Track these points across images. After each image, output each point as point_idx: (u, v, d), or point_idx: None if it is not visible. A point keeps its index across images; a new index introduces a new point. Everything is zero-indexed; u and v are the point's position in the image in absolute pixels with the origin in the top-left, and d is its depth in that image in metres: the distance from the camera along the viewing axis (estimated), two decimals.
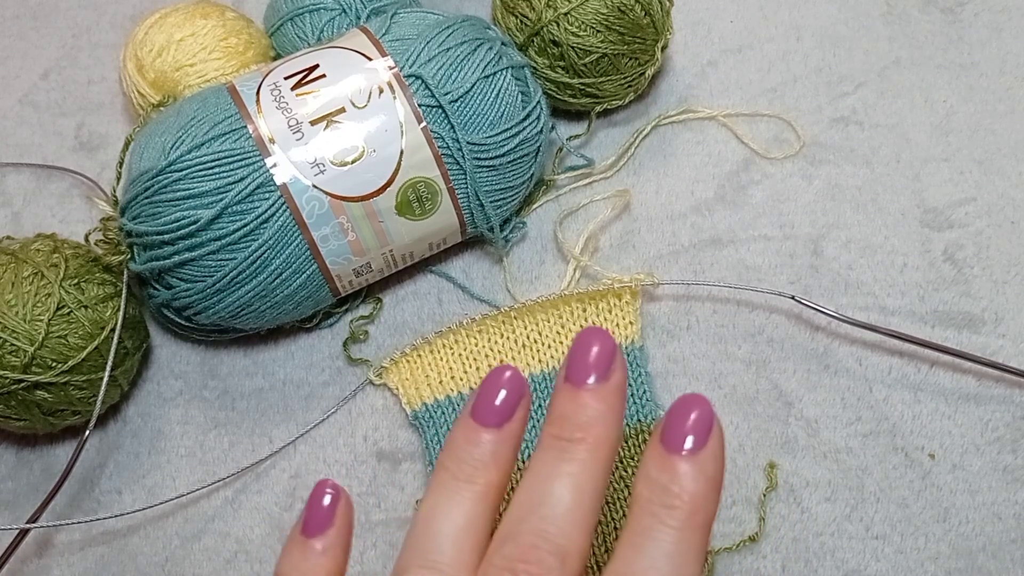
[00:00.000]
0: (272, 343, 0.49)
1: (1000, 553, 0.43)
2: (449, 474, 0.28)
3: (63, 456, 0.47)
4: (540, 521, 0.26)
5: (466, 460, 0.28)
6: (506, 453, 0.28)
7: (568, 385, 0.28)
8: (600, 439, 0.27)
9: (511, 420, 0.28)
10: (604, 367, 0.28)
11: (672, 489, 0.26)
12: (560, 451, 0.27)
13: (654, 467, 0.27)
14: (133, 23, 0.60)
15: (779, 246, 0.50)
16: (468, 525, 0.27)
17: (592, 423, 0.27)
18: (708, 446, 0.26)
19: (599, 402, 0.28)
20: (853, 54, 0.56)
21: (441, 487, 0.28)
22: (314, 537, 0.29)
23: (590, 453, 0.27)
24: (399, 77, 0.44)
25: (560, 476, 0.27)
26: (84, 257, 0.45)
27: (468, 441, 0.28)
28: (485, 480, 0.28)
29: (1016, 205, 0.51)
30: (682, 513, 0.26)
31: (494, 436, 0.28)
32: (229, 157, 0.42)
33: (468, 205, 0.46)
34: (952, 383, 0.46)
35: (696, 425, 0.27)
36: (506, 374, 0.29)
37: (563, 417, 0.28)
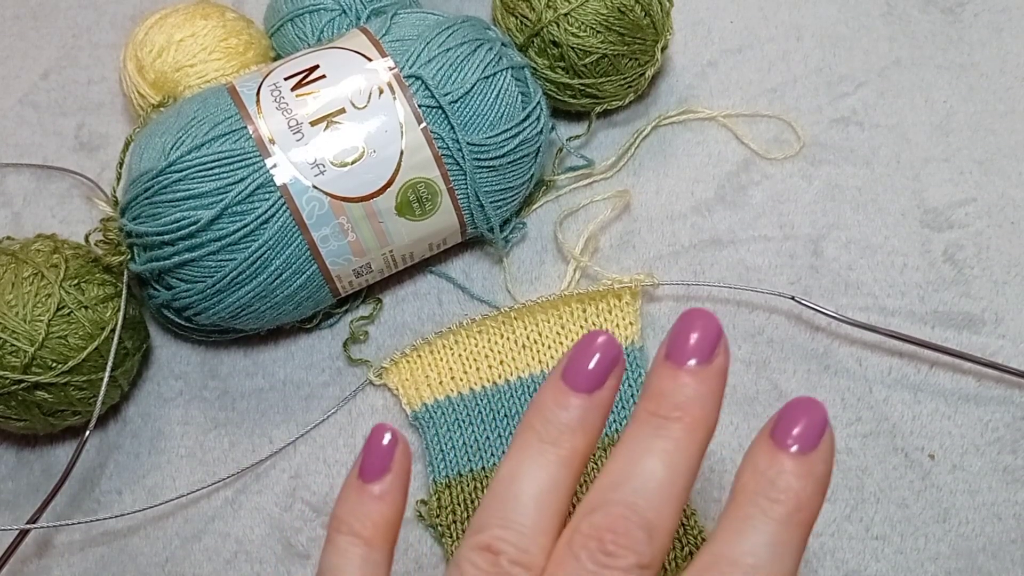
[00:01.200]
0: (272, 343, 0.49)
1: (1000, 553, 0.43)
2: (535, 435, 0.27)
3: (63, 456, 0.47)
4: (631, 494, 0.26)
5: (553, 422, 0.27)
6: (594, 420, 0.28)
7: (668, 363, 0.27)
8: (697, 420, 0.27)
9: (602, 387, 0.28)
10: (708, 349, 0.27)
11: (779, 484, 0.26)
12: (656, 427, 0.27)
13: (763, 460, 0.26)
14: (133, 23, 0.60)
15: (779, 246, 0.50)
16: (552, 488, 0.27)
17: (690, 403, 0.27)
18: (820, 448, 0.26)
19: (699, 383, 0.27)
20: (853, 54, 0.56)
21: (526, 447, 0.27)
22: (372, 482, 0.29)
23: (686, 432, 0.26)
24: (399, 78, 0.44)
25: (654, 452, 0.26)
26: (84, 257, 0.45)
27: (557, 404, 0.28)
28: (571, 445, 0.27)
29: (1016, 205, 0.51)
30: (785, 508, 0.25)
31: (584, 401, 0.27)
32: (229, 158, 0.42)
33: (468, 205, 0.46)
34: (952, 383, 0.46)
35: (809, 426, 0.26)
36: (600, 338, 0.28)
37: (660, 394, 0.27)
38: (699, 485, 0.44)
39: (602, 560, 0.25)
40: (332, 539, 0.28)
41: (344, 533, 0.28)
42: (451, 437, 0.45)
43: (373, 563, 0.28)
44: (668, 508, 0.26)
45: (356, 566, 0.28)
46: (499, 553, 0.26)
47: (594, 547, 0.25)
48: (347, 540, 0.28)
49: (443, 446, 0.45)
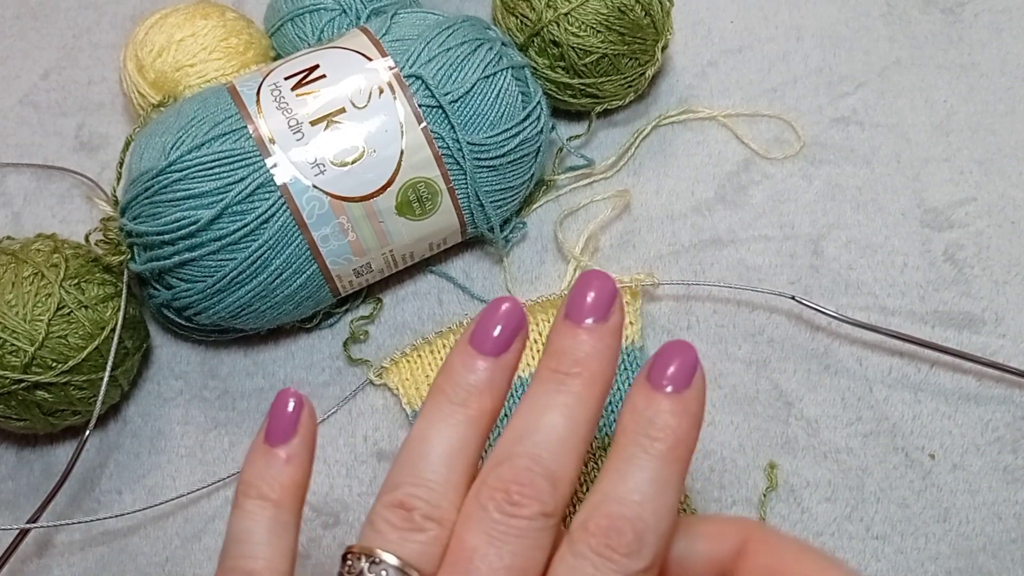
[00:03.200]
0: (272, 343, 0.49)
1: (1000, 553, 0.43)
2: (444, 397, 0.29)
3: (63, 456, 0.47)
4: (534, 446, 0.27)
5: (461, 385, 0.29)
6: (501, 382, 0.29)
7: (567, 322, 0.29)
8: (595, 374, 0.28)
9: (508, 350, 0.29)
10: (604, 308, 0.29)
11: (656, 422, 0.27)
12: (556, 383, 0.28)
13: (641, 401, 0.28)
14: (133, 23, 0.60)
15: (779, 246, 0.50)
16: (460, 447, 0.28)
17: (588, 359, 0.28)
18: (692, 386, 0.28)
19: (596, 340, 0.28)
20: (853, 54, 0.56)
21: (436, 409, 0.29)
22: (278, 445, 0.30)
23: (585, 386, 0.28)
24: (399, 77, 0.44)
25: (555, 406, 0.27)
26: (84, 257, 0.45)
27: (464, 367, 0.29)
28: (479, 405, 0.28)
29: (1016, 205, 0.51)
30: (664, 445, 0.27)
31: (490, 364, 0.29)
32: (229, 157, 0.42)
33: (468, 205, 0.46)
34: (952, 383, 0.46)
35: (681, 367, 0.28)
36: (504, 305, 0.29)
37: (560, 352, 0.28)
38: (699, 485, 0.44)
39: (508, 510, 0.26)
40: (239, 503, 0.29)
41: (252, 497, 0.29)
42: None
43: (282, 524, 0.29)
44: (570, 459, 0.27)
45: (265, 528, 0.28)
46: (412, 509, 0.27)
47: (500, 498, 0.26)
48: (255, 503, 0.29)
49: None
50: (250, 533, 0.28)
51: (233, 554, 0.28)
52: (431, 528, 0.27)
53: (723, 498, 0.44)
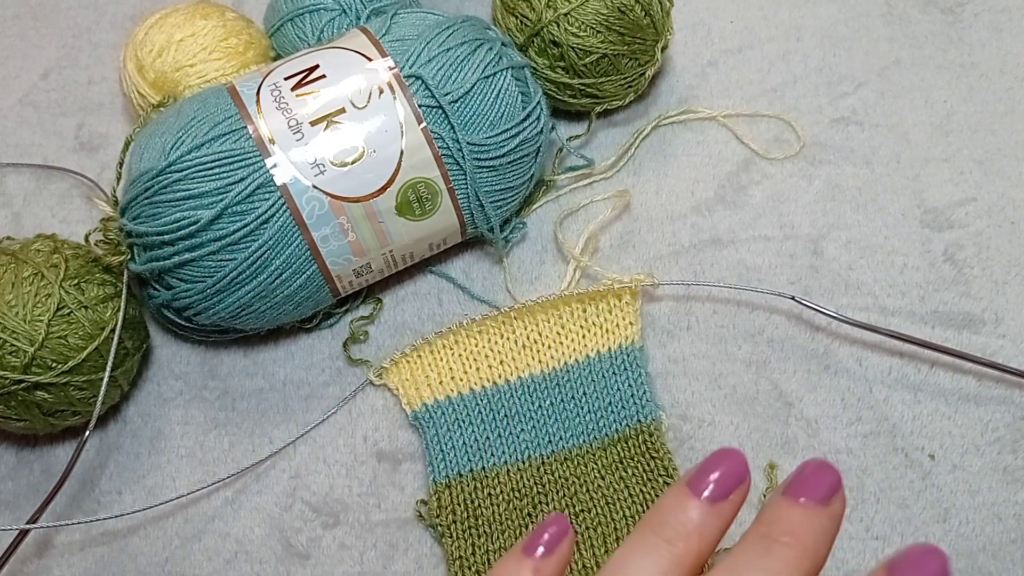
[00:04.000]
0: (272, 343, 0.49)
1: (1000, 553, 0.43)
2: (651, 530, 0.28)
3: (63, 456, 0.47)
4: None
5: (670, 522, 0.28)
6: (713, 528, 0.28)
7: (784, 497, 0.28)
8: (808, 548, 0.27)
9: (725, 500, 0.28)
10: (824, 493, 0.28)
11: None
12: (765, 547, 0.27)
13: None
14: (133, 23, 0.60)
15: (779, 246, 0.50)
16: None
17: (801, 530, 0.27)
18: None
19: (813, 518, 0.28)
20: (853, 54, 0.56)
21: (640, 540, 0.28)
22: (530, 556, 0.29)
23: (795, 556, 0.27)
24: (399, 77, 0.44)
25: (761, 568, 0.27)
26: (84, 257, 0.45)
27: (677, 506, 0.28)
28: (685, 546, 0.28)
29: (1016, 205, 0.51)
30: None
31: (704, 507, 0.28)
32: (229, 157, 0.42)
33: (468, 205, 0.46)
34: (952, 383, 0.46)
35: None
36: (730, 454, 0.29)
37: (774, 520, 0.28)
38: None
39: None
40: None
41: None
42: (451, 437, 0.45)
43: None
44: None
45: None
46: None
47: None
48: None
49: (443, 446, 0.45)
50: None
51: None
52: None
53: None
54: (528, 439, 0.45)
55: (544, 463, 0.45)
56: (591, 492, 0.44)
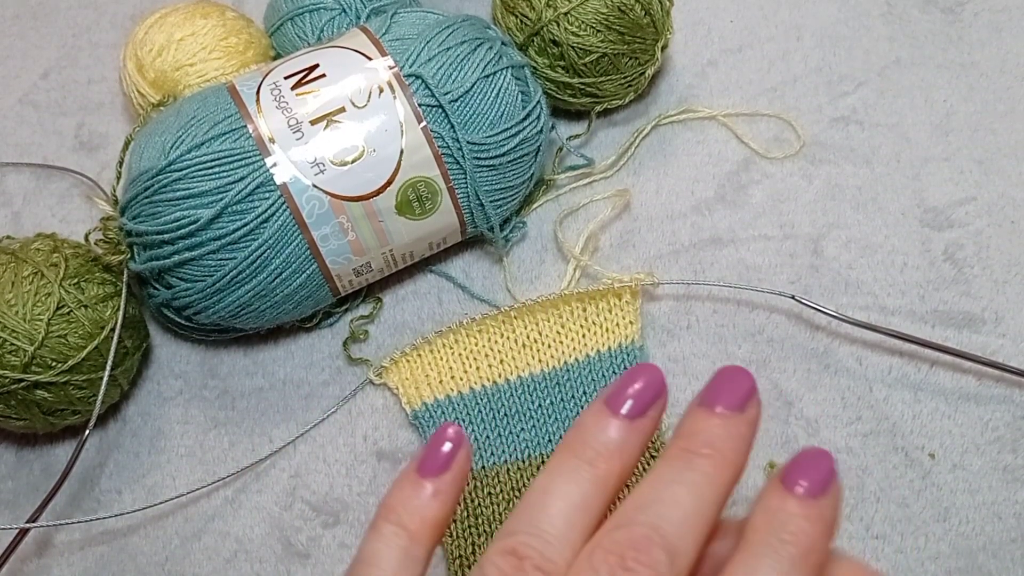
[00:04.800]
0: (272, 343, 0.49)
1: (1000, 553, 0.43)
2: (572, 453, 0.28)
3: (63, 456, 0.47)
4: (656, 516, 0.26)
5: (591, 443, 0.28)
6: (633, 446, 0.28)
7: (701, 408, 0.28)
8: (728, 458, 0.27)
9: (643, 416, 0.28)
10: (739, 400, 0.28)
11: (789, 525, 0.26)
12: (686, 461, 0.27)
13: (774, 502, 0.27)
14: (133, 23, 0.60)
15: (779, 246, 0.50)
16: (582, 505, 0.27)
17: (720, 441, 0.27)
18: (829, 494, 0.27)
19: (730, 426, 0.28)
20: (853, 54, 0.56)
21: (561, 463, 0.28)
22: (428, 478, 0.29)
23: (716, 467, 0.27)
24: (399, 77, 0.44)
25: (683, 482, 0.27)
26: (84, 257, 0.45)
27: (596, 425, 0.28)
28: (607, 467, 0.28)
29: (1016, 205, 0.51)
30: (796, 550, 0.26)
31: (624, 424, 0.28)
32: (229, 157, 0.42)
33: (468, 205, 0.46)
34: (952, 383, 0.46)
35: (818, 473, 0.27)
36: (645, 370, 0.29)
37: (692, 434, 0.28)
38: None
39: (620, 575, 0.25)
40: (377, 526, 0.28)
41: (391, 523, 0.28)
42: None
43: (413, 558, 0.28)
44: (692, 536, 0.26)
45: (396, 556, 0.28)
46: (523, 558, 0.26)
47: (614, 562, 0.25)
48: (392, 530, 0.28)
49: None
50: (380, 557, 0.28)
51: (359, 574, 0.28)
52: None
53: None
54: (528, 438, 0.45)
55: (544, 462, 0.45)
56: None
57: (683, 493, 0.26)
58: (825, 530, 0.26)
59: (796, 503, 0.26)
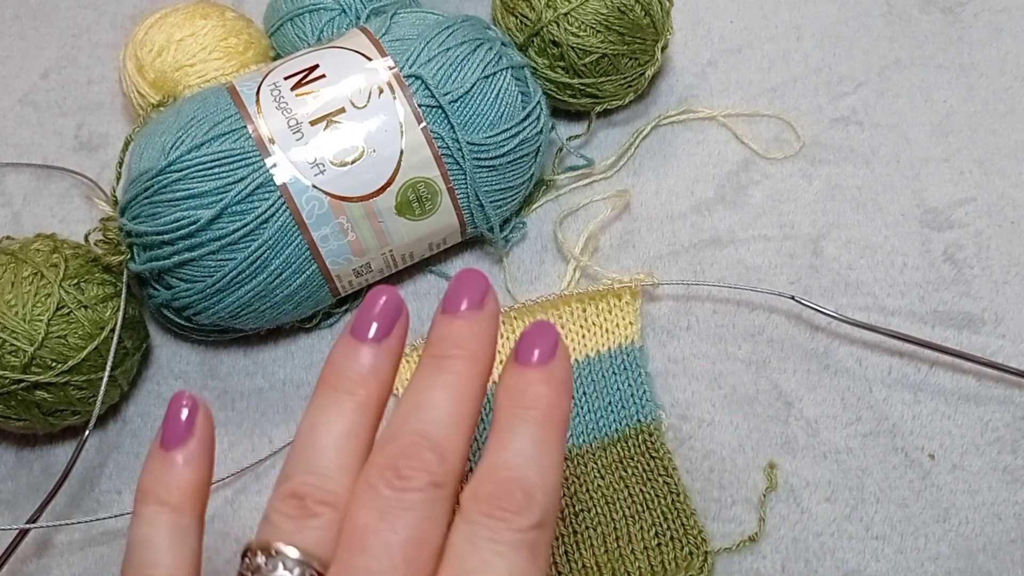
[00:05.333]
0: (272, 343, 0.49)
1: (1000, 553, 0.43)
2: (330, 387, 0.29)
3: (63, 456, 0.47)
4: (419, 423, 0.27)
5: (346, 374, 0.29)
6: (385, 366, 0.29)
7: (444, 315, 0.30)
8: (475, 354, 0.29)
9: (389, 336, 0.29)
10: (477, 298, 0.30)
11: (528, 392, 0.28)
12: (437, 365, 0.29)
13: (511, 379, 0.29)
14: (133, 23, 0.60)
15: (779, 246, 0.50)
16: (350, 433, 0.28)
17: (467, 340, 0.29)
18: (557, 357, 0.29)
19: (473, 324, 0.29)
20: (853, 54, 0.56)
21: (322, 400, 0.29)
22: (174, 449, 0.29)
23: (466, 365, 0.29)
24: (399, 77, 0.44)
25: (438, 385, 0.28)
26: (84, 257, 0.45)
27: (347, 356, 0.29)
28: (365, 392, 0.29)
29: (1016, 205, 0.51)
30: (539, 411, 0.28)
31: (373, 349, 0.29)
32: (229, 157, 0.42)
33: (468, 205, 0.46)
34: (952, 383, 0.46)
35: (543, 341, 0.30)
36: (382, 294, 0.30)
37: (439, 339, 0.29)
38: (699, 485, 0.44)
39: (397, 484, 0.26)
40: (138, 511, 0.28)
41: (150, 503, 0.28)
42: None
43: (182, 529, 0.28)
44: (456, 432, 0.28)
45: (165, 534, 0.28)
46: (304, 497, 0.27)
47: (389, 475, 0.26)
48: (154, 509, 0.28)
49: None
50: (150, 541, 0.28)
51: (134, 563, 0.28)
52: (325, 513, 0.27)
53: (723, 498, 0.44)
54: None
55: None
56: (591, 492, 0.44)
57: (440, 396, 0.28)
58: (562, 388, 0.29)
59: (532, 372, 0.29)
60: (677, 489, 0.43)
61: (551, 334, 0.30)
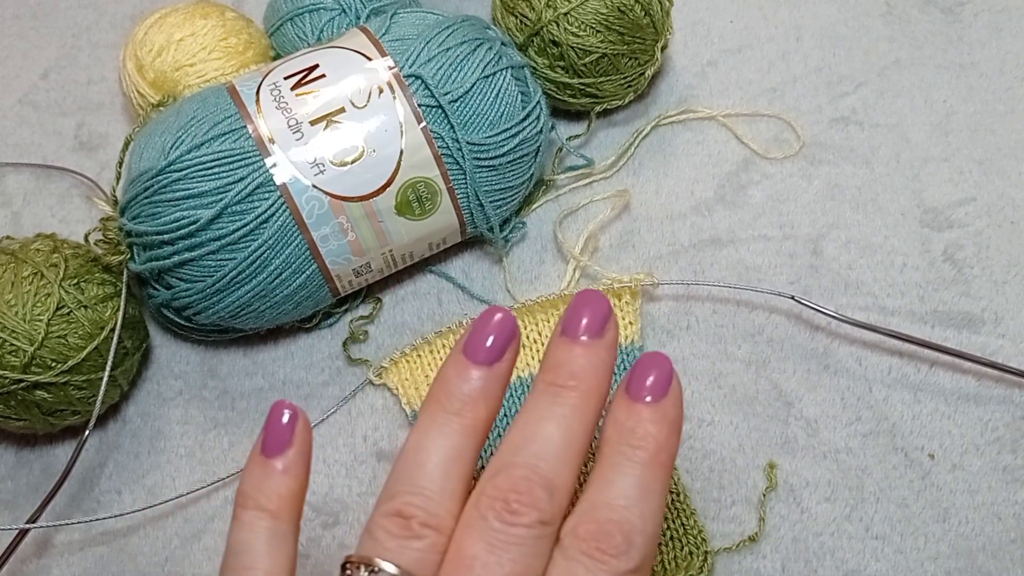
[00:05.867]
0: (272, 343, 0.49)
1: (1000, 553, 0.43)
2: (439, 407, 0.29)
3: (63, 456, 0.47)
4: (532, 456, 0.28)
5: (455, 395, 0.29)
6: (494, 390, 0.30)
7: (564, 338, 0.30)
8: (591, 387, 0.29)
9: (501, 359, 0.30)
10: (599, 325, 0.30)
11: (638, 431, 0.28)
12: (553, 395, 0.29)
13: (622, 414, 0.29)
14: (133, 23, 0.60)
15: (779, 246, 0.50)
16: (456, 456, 0.28)
17: (584, 372, 0.29)
18: (669, 395, 0.29)
19: (592, 355, 0.29)
20: (853, 54, 0.56)
21: (430, 419, 0.29)
22: (274, 457, 0.30)
23: (581, 399, 0.29)
24: (399, 77, 0.44)
25: (552, 417, 0.28)
26: (84, 257, 0.45)
27: (459, 377, 0.30)
28: (473, 415, 0.29)
29: (1016, 205, 0.51)
30: (646, 453, 0.28)
31: (484, 373, 0.29)
32: (229, 157, 0.42)
33: (468, 205, 0.46)
34: (952, 383, 0.46)
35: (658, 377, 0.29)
36: (497, 315, 0.30)
37: (557, 366, 0.29)
38: (699, 485, 0.44)
39: (507, 519, 0.27)
40: (238, 516, 0.29)
41: (250, 508, 0.29)
42: None
43: (280, 535, 0.29)
44: (566, 468, 0.28)
45: (264, 539, 0.28)
46: (409, 517, 0.27)
47: (499, 507, 0.27)
48: (253, 514, 0.29)
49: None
50: (249, 545, 0.29)
51: (233, 566, 0.29)
52: (428, 536, 0.27)
53: (723, 498, 0.44)
54: None
55: None
56: None
57: (553, 429, 0.28)
58: (671, 429, 0.29)
59: (644, 409, 0.28)
60: (677, 489, 0.43)
61: (665, 367, 0.29)
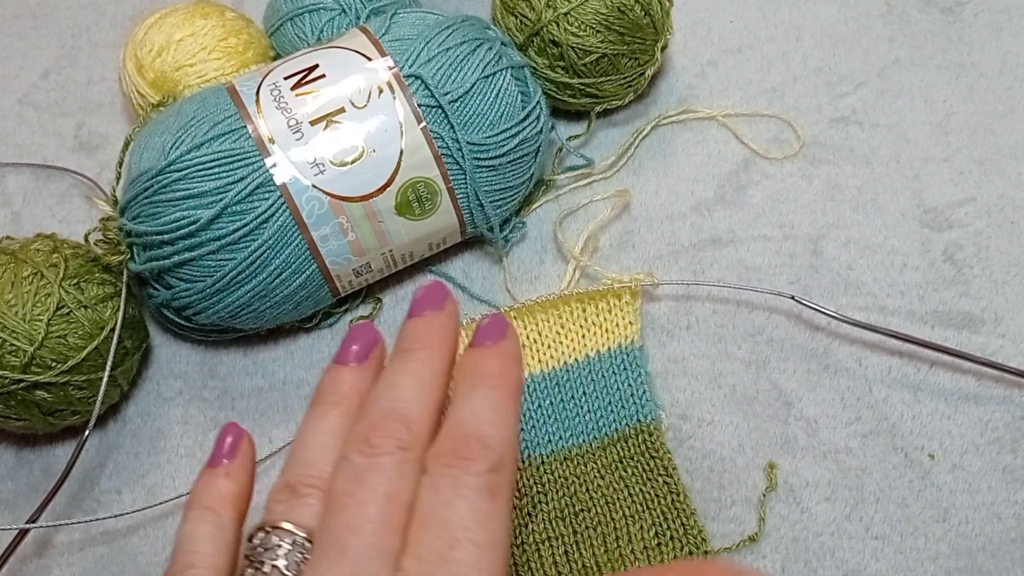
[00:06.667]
0: (272, 343, 0.49)
1: (1000, 553, 0.43)
2: (317, 404, 0.32)
3: (63, 456, 0.47)
4: (387, 401, 0.30)
5: (331, 392, 0.32)
6: (366, 382, 0.33)
7: (409, 318, 0.33)
8: (436, 343, 0.32)
9: (368, 359, 0.33)
10: (438, 302, 0.33)
11: (480, 365, 0.32)
12: (403, 358, 0.32)
13: (467, 360, 0.32)
14: (133, 23, 0.60)
15: (779, 246, 0.50)
16: (334, 432, 0.31)
17: (428, 333, 0.32)
18: (507, 337, 0.33)
19: (433, 320, 0.33)
20: (853, 54, 0.56)
21: (311, 414, 0.32)
22: (218, 467, 0.34)
23: (429, 352, 0.32)
24: (399, 77, 0.44)
25: (405, 372, 0.31)
26: (84, 257, 0.45)
27: (333, 380, 0.33)
28: (348, 403, 0.32)
29: (1016, 205, 0.51)
30: (491, 378, 0.31)
31: (353, 370, 0.33)
32: (229, 157, 0.42)
33: (468, 205, 0.46)
34: (952, 383, 0.46)
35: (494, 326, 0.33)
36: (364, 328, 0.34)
37: (404, 337, 0.33)
38: (699, 485, 0.44)
39: (368, 452, 0.29)
40: (185, 515, 0.33)
41: (195, 507, 0.33)
42: None
43: (222, 527, 0.32)
44: (420, 406, 0.30)
45: (207, 530, 0.32)
46: (295, 485, 0.30)
47: (361, 446, 0.29)
48: (197, 512, 0.32)
49: None
50: (194, 536, 0.32)
51: (178, 551, 0.32)
52: (312, 493, 0.30)
53: (722, 498, 0.44)
54: (527, 438, 0.45)
55: (544, 462, 0.45)
56: (591, 492, 0.44)
57: (405, 379, 0.31)
58: (511, 359, 0.32)
59: (483, 350, 0.32)
60: (677, 489, 0.43)
61: (502, 324, 0.33)
